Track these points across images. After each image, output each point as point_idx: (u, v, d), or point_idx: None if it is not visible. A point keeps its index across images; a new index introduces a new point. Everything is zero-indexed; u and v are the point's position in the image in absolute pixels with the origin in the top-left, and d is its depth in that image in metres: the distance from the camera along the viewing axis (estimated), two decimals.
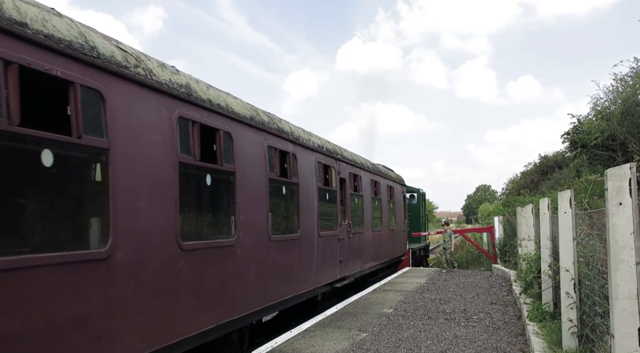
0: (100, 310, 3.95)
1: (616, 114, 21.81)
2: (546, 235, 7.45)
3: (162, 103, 4.90)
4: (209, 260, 5.63)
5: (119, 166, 4.20)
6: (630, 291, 3.57)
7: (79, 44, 3.92)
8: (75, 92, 3.81)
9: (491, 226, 19.96)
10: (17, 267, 3.28)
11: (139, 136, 4.51)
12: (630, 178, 3.62)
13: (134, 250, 4.36)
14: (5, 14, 3.26)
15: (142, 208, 4.49)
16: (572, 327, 5.42)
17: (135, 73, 4.50)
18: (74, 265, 3.76)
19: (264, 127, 7.21)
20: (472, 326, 7.79)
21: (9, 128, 3.24)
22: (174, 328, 4.90)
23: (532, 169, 33.52)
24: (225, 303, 5.91)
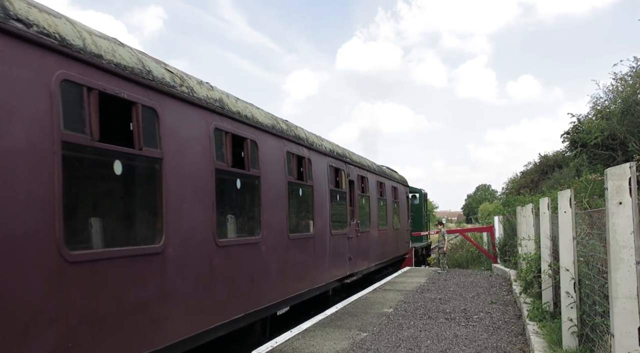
0: (156, 297, 4.72)
1: (616, 113, 21.80)
2: (546, 235, 7.47)
3: (201, 116, 5.67)
4: (239, 255, 6.44)
5: (170, 173, 4.96)
6: (630, 290, 3.57)
7: (138, 69, 4.64)
8: (137, 110, 4.57)
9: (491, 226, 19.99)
10: (97, 259, 4.11)
11: (184, 146, 5.27)
12: (630, 177, 3.62)
13: (180, 246, 5.10)
14: (87, 49, 4.02)
15: (187, 209, 5.26)
16: (572, 326, 5.43)
17: (180, 91, 5.28)
18: (138, 257, 4.54)
19: (283, 134, 7.98)
20: (472, 325, 7.80)
21: (91, 143, 4.02)
22: (212, 315, 5.68)
23: (532, 169, 33.55)
24: (252, 295, 6.69)
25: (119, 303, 4.21)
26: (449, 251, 17.26)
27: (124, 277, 4.28)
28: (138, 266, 4.48)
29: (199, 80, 5.93)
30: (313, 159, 9.26)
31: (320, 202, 9.45)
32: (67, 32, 3.93)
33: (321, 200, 9.53)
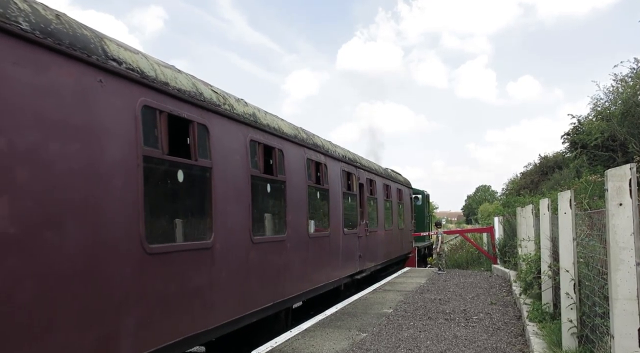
0: (207, 285, 5.67)
1: (616, 115, 21.87)
2: (546, 236, 7.49)
3: (240, 130, 6.64)
4: (269, 251, 7.40)
5: (217, 180, 5.91)
6: (630, 292, 3.58)
7: (194, 92, 5.61)
8: (194, 127, 5.52)
9: (491, 226, 20.02)
10: (168, 251, 5.08)
11: (227, 157, 6.19)
12: (631, 179, 3.63)
13: (225, 243, 6.02)
14: (158, 78, 4.94)
15: (230, 211, 6.20)
16: (572, 327, 5.45)
17: (224, 109, 6.20)
18: (195, 251, 5.49)
19: (303, 143, 8.96)
20: (472, 326, 7.82)
21: (162, 156, 4.99)
22: (247, 303, 6.66)
23: (532, 169, 33.65)
24: (278, 287, 7.63)
25: (182, 289, 5.18)
26: (444, 252, 17.24)
27: (185, 267, 5.27)
28: (195, 258, 5.45)
29: (237, 97, 6.89)
30: (329, 164, 10.25)
31: (334, 204, 10.45)
32: (144, 66, 4.86)
33: (335, 202, 10.53)
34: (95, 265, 4.10)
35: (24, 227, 3.45)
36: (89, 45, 4.20)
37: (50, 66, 3.81)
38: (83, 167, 4.02)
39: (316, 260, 9.25)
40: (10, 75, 3.49)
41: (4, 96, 3.42)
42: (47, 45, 3.77)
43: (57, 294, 3.73)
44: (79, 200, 3.95)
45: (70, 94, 3.98)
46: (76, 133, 3.99)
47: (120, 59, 4.50)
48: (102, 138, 4.22)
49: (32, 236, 3.53)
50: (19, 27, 3.56)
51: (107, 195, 4.24)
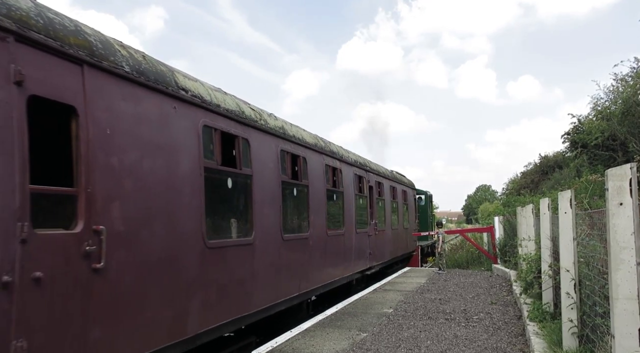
0: (249, 276, 6.79)
1: (616, 114, 21.94)
2: (546, 235, 7.51)
3: (272, 141, 7.70)
4: (296, 248, 8.51)
5: (256, 186, 6.99)
6: (630, 291, 3.60)
7: (238, 111, 6.72)
8: (238, 141, 6.63)
9: (491, 226, 20.08)
10: (222, 246, 6.21)
11: (263, 165, 7.28)
12: (631, 178, 3.64)
13: (262, 240, 7.12)
14: (213, 102, 6.13)
15: (265, 212, 7.33)
16: (572, 327, 5.47)
17: (260, 124, 7.30)
18: (241, 247, 6.66)
19: (322, 150, 10.04)
20: (472, 326, 7.84)
21: (217, 167, 6.12)
22: (279, 292, 7.78)
23: (533, 169, 33.76)
24: (303, 279, 8.73)
25: (231, 278, 6.32)
26: (444, 252, 17.26)
27: (233, 259, 6.40)
28: (240, 253, 6.60)
29: (269, 113, 8.02)
30: (343, 169, 11.34)
31: (348, 206, 11.55)
32: (203, 92, 6.00)
33: (349, 204, 11.64)
34: (173, 255, 5.23)
35: (128, 226, 4.57)
36: (165, 78, 5.32)
37: (142, 98, 4.91)
38: (165, 178, 5.14)
39: (333, 256, 10.43)
40: (121, 108, 4.60)
41: (117, 125, 4.53)
42: (140, 82, 4.87)
43: (149, 278, 4.87)
44: (162, 204, 5.07)
45: (156, 119, 5.08)
46: (160, 150, 5.09)
47: (186, 88, 5.65)
48: (176, 154, 5.34)
49: (133, 233, 4.65)
50: (123, 70, 4.67)
51: (181, 200, 5.37)
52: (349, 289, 12.07)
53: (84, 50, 4.27)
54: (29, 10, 3.85)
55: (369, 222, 13.49)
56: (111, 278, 4.34)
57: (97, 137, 4.28)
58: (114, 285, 4.40)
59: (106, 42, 4.66)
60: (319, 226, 9.59)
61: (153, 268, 4.93)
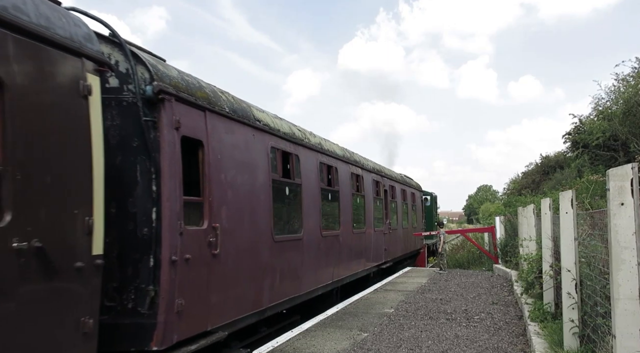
0: (299, 264, 8.74)
1: (618, 114, 22.12)
2: (547, 236, 7.55)
3: (313, 156, 9.63)
4: (330, 243, 10.41)
5: (304, 192, 8.94)
6: (632, 291, 3.62)
7: (291, 133, 8.63)
8: (292, 158, 8.60)
9: (492, 226, 20.11)
10: (283, 240, 8.05)
11: (308, 175, 9.21)
12: (632, 178, 3.67)
13: (308, 236, 9.06)
14: (274, 127, 7.98)
15: (309, 213, 9.22)
16: (573, 327, 5.51)
17: (305, 142, 9.22)
18: (294, 241, 8.56)
19: (348, 160, 11.88)
20: (474, 326, 7.87)
21: (279, 178, 8.03)
22: (319, 279, 9.82)
23: (534, 169, 33.98)
24: (335, 270, 10.62)
25: (288, 266, 8.28)
26: (445, 252, 17.26)
27: (290, 251, 8.35)
28: (294, 246, 8.56)
29: (310, 131, 10.03)
30: (364, 176, 13.26)
31: (368, 207, 13.51)
32: (269, 121, 7.93)
33: (369, 206, 13.61)
34: (255, 246, 7.21)
35: (230, 224, 6.52)
36: (247, 113, 7.27)
37: (235, 130, 6.88)
38: (249, 188, 7.10)
39: (357, 251, 12.40)
40: (224, 139, 6.57)
41: (223, 152, 6.49)
42: (234, 118, 6.83)
43: (242, 262, 6.88)
44: (248, 208, 7.05)
45: (243, 145, 7.04)
46: (246, 168, 7.05)
47: (259, 119, 7.61)
48: (255, 170, 7.30)
49: (233, 229, 6.61)
50: (225, 111, 6.63)
51: (258, 205, 7.33)
52: (366, 281, 13.85)
53: (205, 100, 6.24)
54: (178, 77, 5.90)
55: (384, 221, 15.43)
56: (222, 261, 6.32)
57: (213, 161, 6.24)
58: (224, 266, 6.38)
59: (214, 91, 6.71)
60: (347, 225, 11.54)
61: (244, 255, 6.94)
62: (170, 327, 5.29)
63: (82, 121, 4.30)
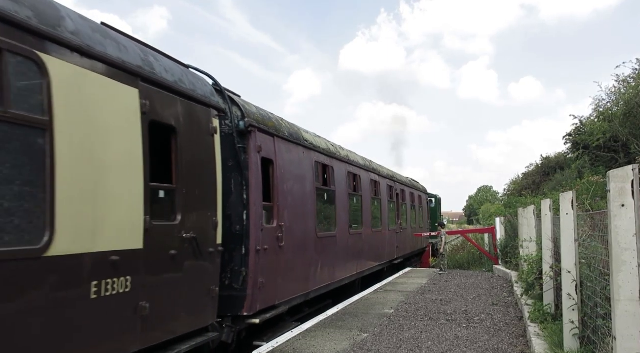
0: (333, 257, 10.77)
1: (618, 115, 22.17)
2: (548, 237, 7.59)
3: (343, 166, 11.67)
4: (355, 240, 12.45)
5: (337, 197, 11.07)
6: (632, 293, 3.66)
7: (326, 149, 10.71)
8: (328, 169, 10.75)
9: (493, 227, 20.10)
10: (323, 237, 10.19)
11: (340, 183, 11.25)
12: (633, 180, 3.68)
13: (339, 233, 11.18)
14: (316, 144, 10.15)
15: (341, 215, 11.26)
16: (573, 328, 5.53)
17: (337, 155, 11.31)
18: (330, 238, 10.68)
19: (367, 168, 13.86)
20: (474, 327, 7.90)
21: (320, 186, 10.21)
22: (347, 270, 11.75)
23: (534, 170, 34.21)
24: (359, 263, 12.75)
25: (326, 257, 10.33)
26: (446, 252, 17.22)
27: (327, 246, 10.42)
28: (331, 241, 10.63)
29: (339, 145, 12.11)
30: (380, 182, 15.34)
31: (384, 209, 15.57)
32: (312, 139, 9.98)
33: (385, 208, 15.68)
34: (305, 242, 9.35)
35: (289, 223, 8.64)
36: (298, 135, 9.41)
37: (292, 149, 9.00)
38: (301, 195, 9.19)
39: (375, 248, 14.54)
40: (285, 157, 8.65)
41: (285, 167, 8.55)
42: (291, 140, 8.98)
43: (297, 254, 8.95)
44: (300, 211, 9.15)
45: (297, 161, 9.15)
46: (298, 179, 9.15)
47: (306, 139, 9.76)
48: (304, 180, 9.43)
49: (292, 227, 8.72)
50: (285, 135, 8.74)
51: (307, 207, 9.45)
52: (381, 274, 15.93)
53: (273, 128, 8.34)
54: (257, 112, 8.03)
55: (396, 222, 17.51)
56: (285, 252, 8.49)
57: (279, 175, 8.37)
58: (286, 256, 8.54)
59: (277, 119, 8.82)
60: (368, 225, 13.68)
61: (298, 248, 9.07)
62: (255, 298, 7.50)
63: (211, 152, 6.51)
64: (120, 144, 4.91)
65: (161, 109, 5.60)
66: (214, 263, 6.37)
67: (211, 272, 6.33)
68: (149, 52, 5.78)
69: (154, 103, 5.43)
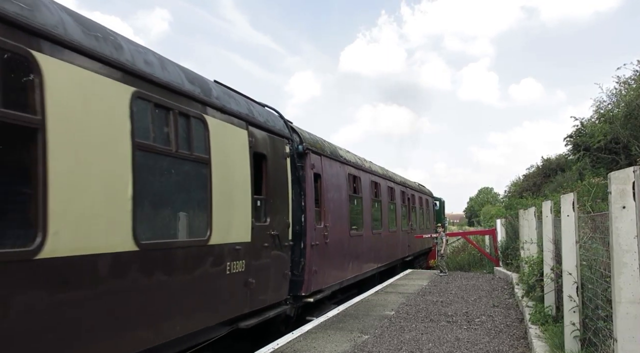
0: (361, 253, 13.39)
1: (619, 117, 22.31)
2: (549, 238, 7.62)
3: (367, 176, 14.44)
4: (377, 239, 14.95)
5: (364, 202, 13.74)
6: (633, 295, 3.69)
7: (355, 162, 13.40)
8: (357, 179, 13.52)
9: (493, 229, 20.14)
10: (354, 235, 12.89)
11: (365, 190, 13.90)
12: (634, 181, 3.71)
13: (365, 233, 13.78)
14: (347, 159, 13.08)
15: (366, 218, 13.83)
16: (574, 330, 5.60)
17: (363, 167, 14.04)
18: (359, 237, 13.30)
19: (385, 176, 16.39)
20: (474, 329, 7.91)
21: (352, 194, 12.98)
22: (369, 265, 14.26)
23: (535, 172, 34.46)
24: (378, 259, 15.25)
25: (356, 253, 12.88)
26: (447, 254, 17.19)
27: (357, 244, 13.03)
28: (360, 239, 13.27)
29: (362, 157, 14.51)
30: (395, 188, 17.92)
31: (398, 212, 18.29)
32: (345, 155, 12.68)
33: (398, 211, 18.36)
34: (341, 239, 11.99)
35: (331, 224, 11.34)
36: (336, 152, 12.11)
37: (332, 165, 11.73)
38: (338, 201, 11.87)
39: (391, 246, 17.03)
40: (328, 171, 11.32)
41: (328, 179, 11.18)
42: (331, 157, 11.64)
43: (337, 248, 11.50)
44: (339, 213, 11.81)
45: (336, 173, 11.84)
46: (337, 188, 11.82)
47: (342, 155, 12.50)
48: (341, 189, 12.14)
49: (333, 227, 11.36)
50: (327, 153, 11.39)
51: (343, 211, 12.13)
52: (395, 269, 18.41)
53: (320, 149, 11.05)
54: (310, 137, 10.63)
55: (408, 223, 20.15)
56: (329, 247, 11.15)
57: (324, 186, 11.11)
58: (330, 250, 11.19)
59: (321, 141, 11.40)
60: (385, 226, 16.30)
61: (337, 244, 11.64)
62: (310, 283, 10.12)
63: (285, 171, 9.29)
64: (240, 169, 7.67)
65: (258, 142, 8.38)
66: (287, 253, 9.22)
67: (286, 260, 9.16)
68: (248, 101, 8.57)
69: (255, 139, 8.23)
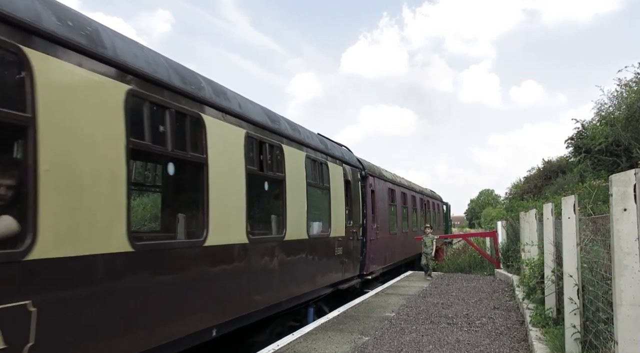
0: (395, 248, 20.04)
1: (620, 119, 22.84)
2: (549, 241, 7.71)
3: (399, 188, 21.25)
4: (391, 238, 19.52)
5: (397, 208, 20.26)
6: (634, 297, 3.75)
7: (391, 178, 20.38)
8: (393, 191, 20.87)
9: (494, 231, 20.21)
10: (392, 234, 19.76)
11: (382, 196, 18.78)
12: (635, 184, 3.74)
13: (382, 235, 19.41)
14: (372, 170, 19.10)
15: (398, 220, 20.36)
16: (575, 333, 5.70)
17: (397, 181, 21.17)
18: (394, 235, 20.14)
19: (408, 187, 22.71)
20: (475, 331, 7.98)
21: (390, 203, 20.98)
22: (399, 257, 20.89)
23: (536, 174, 35.43)
24: (393, 255, 20.47)
25: (392, 247, 19.21)
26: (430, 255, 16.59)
27: (393, 240, 19.40)
28: (394, 237, 19.55)
29: (394, 173, 22.17)
30: (415, 196, 23.90)
31: (417, 216, 24.79)
32: (385, 174, 19.14)
33: (418, 215, 24.82)
34: (385, 235, 19.12)
35: (379, 225, 17.78)
36: (381, 173, 18.75)
37: (380, 183, 18.55)
38: (384, 209, 19.16)
39: (412, 243, 22.27)
40: (377, 187, 17.69)
41: (377, 192, 17.08)
42: (380, 177, 18.19)
43: (382, 242, 17.39)
44: (383, 218, 18.22)
45: (381, 189, 18.63)
46: (383, 199, 18.93)
47: (384, 174, 19.43)
48: (385, 199, 18.80)
49: (380, 227, 18.08)
50: (376, 175, 17.81)
51: (385, 215, 19.21)
52: (413, 262, 24.46)
53: (373, 172, 17.66)
54: (368, 164, 17.04)
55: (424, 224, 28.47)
56: (378, 241, 17.70)
57: (376, 198, 17.92)
58: (378, 244, 17.56)
59: (372, 165, 17.82)
60: (410, 227, 22.30)
61: (382, 239, 17.79)
62: (369, 265, 16.27)
63: (358, 189, 15.46)
64: (340, 191, 13.13)
65: (347, 173, 14.43)
66: (359, 244, 15.25)
67: (359, 249, 15.15)
68: (337, 144, 14.72)
69: (345, 171, 14.21)
